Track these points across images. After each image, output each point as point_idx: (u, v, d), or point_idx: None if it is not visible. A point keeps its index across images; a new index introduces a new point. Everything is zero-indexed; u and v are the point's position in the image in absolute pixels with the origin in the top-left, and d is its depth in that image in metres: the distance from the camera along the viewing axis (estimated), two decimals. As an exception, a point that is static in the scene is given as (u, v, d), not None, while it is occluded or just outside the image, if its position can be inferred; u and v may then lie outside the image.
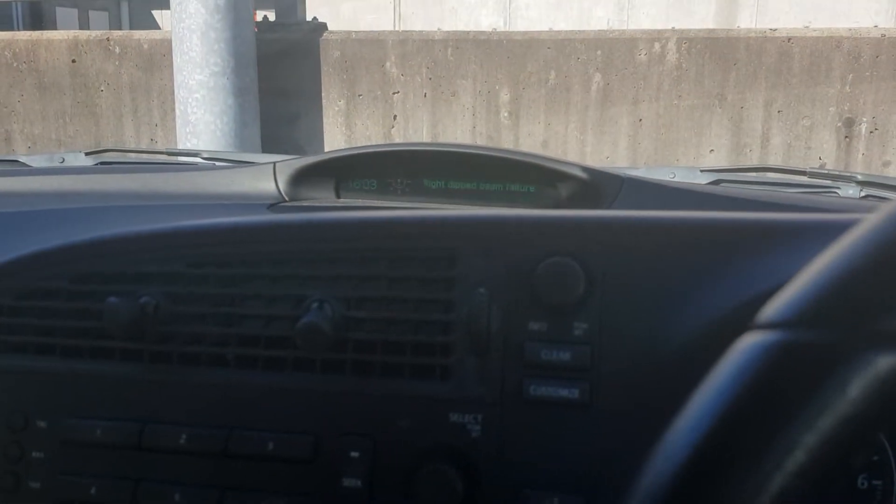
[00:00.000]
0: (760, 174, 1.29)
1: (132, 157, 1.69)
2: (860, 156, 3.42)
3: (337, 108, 3.74)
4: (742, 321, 0.54)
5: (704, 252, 0.57)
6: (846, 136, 3.44)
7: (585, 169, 1.01)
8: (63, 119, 4.11)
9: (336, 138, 3.76)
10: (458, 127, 3.67)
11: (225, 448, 0.60)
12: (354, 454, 0.59)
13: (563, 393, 0.57)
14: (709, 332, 0.55)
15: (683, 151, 3.50)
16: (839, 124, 3.43)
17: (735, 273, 0.55)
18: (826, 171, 1.19)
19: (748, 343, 0.33)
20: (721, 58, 3.44)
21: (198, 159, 1.44)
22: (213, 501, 0.60)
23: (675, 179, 1.12)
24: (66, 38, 3.92)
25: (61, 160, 1.48)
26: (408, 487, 0.58)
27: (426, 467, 0.57)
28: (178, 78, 3.45)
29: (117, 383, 0.63)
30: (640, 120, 3.53)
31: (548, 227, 0.59)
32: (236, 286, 0.63)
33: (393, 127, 3.73)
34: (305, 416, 0.60)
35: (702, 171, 1.24)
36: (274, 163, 1.15)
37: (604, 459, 0.57)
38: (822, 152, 3.48)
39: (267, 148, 3.61)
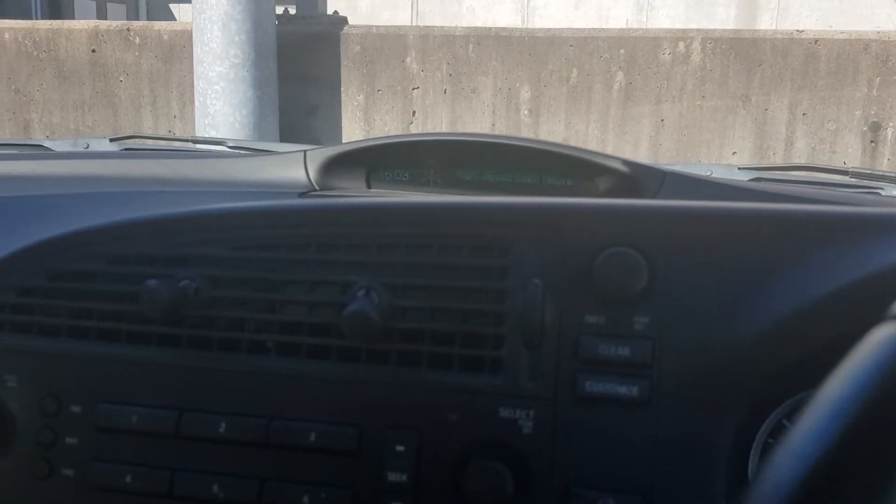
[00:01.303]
0: (799, 174, 1.26)
1: (157, 143, 1.67)
2: (886, 160, 3.37)
3: (356, 103, 3.72)
4: (824, 316, 0.52)
5: (775, 245, 0.54)
6: (872, 141, 3.40)
7: (626, 162, 0.99)
8: (82, 109, 4.11)
9: (354, 132, 3.74)
10: (478, 124, 3.65)
11: (265, 438, 0.58)
12: (400, 447, 0.57)
13: (621, 390, 0.54)
14: (780, 327, 0.53)
15: (706, 153, 3.47)
16: (865, 128, 3.39)
17: (809, 267, 0.53)
18: (869, 171, 1.16)
19: (888, 334, 0.31)
20: (746, 59, 3.41)
21: (223, 147, 1.42)
22: (252, 493, 0.58)
23: (714, 176, 1.09)
24: (86, 27, 3.91)
25: (85, 146, 1.46)
26: (455, 483, 0.56)
27: (475, 463, 0.55)
28: (197, 69, 3.44)
29: (154, 369, 0.61)
30: (663, 120, 3.50)
31: (608, 216, 0.57)
32: (280, 271, 0.61)
33: (412, 123, 3.71)
34: (349, 406, 0.58)
35: (739, 168, 1.21)
36: (304, 151, 1.13)
37: (662, 459, 0.54)
38: (847, 156, 3.44)
39: (285, 140, 3.60)
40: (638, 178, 0.99)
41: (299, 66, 3.74)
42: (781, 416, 0.60)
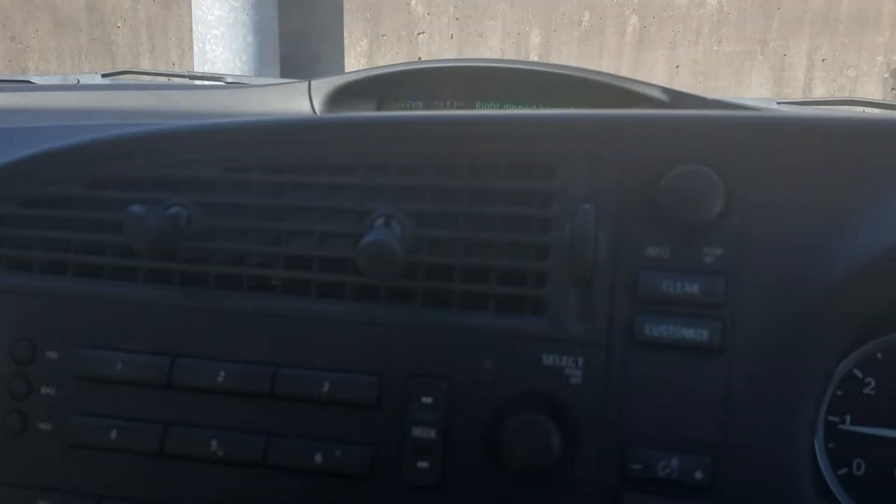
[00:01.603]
0: (844, 108, 1.17)
1: (152, 80, 1.57)
2: (908, 108, 3.26)
3: (359, 49, 3.60)
4: None
5: (884, 163, 0.45)
6: (893, 88, 3.29)
7: (666, 90, 0.89)
8: (79, 57, 3.99)
9: (358, 80, 3.62)
10: (486, 71, 3.52)
11: (271, 388, 0.50)
12: (426, 399, 0.49)
13: (688, 334, 0.46)
14: (877, 263, 0.44)
15: (722, 100, 3.35)
16: (886, 75, 3.27)
17: None
18: (923, 105, 1.06)
19: None
20: (764, 2, 3.28)
21: (221, 83, 1.33)
22: (256, 450, 0.50)
23: (762, 107, 1.00)
24: (81, -31, 3.78)
25: (76, 81, 1.37)
26: (491, 442, 0.48)
27: (514, 419, 0.47)
28: (196, 12, 3.31)
29: (142, 309, 0.53)
30: (677, 67, 3.38)
31: (677, 127, 0.48)
32: (285, 196, 0.52)
33: (417, 69, 3.59)
34: (368, 353, 0.50)
35: (779, 102, 1.12)
36: (309, 81, 1.04)
37: (735, 414, 0.46)
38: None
39: (287, 88, 3.48)
40: (677, 105, 0.89)
41: (300, 10, 3.61)
42: (852, 366, 0.51)
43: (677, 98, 0.89)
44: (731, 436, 0.46)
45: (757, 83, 3.44)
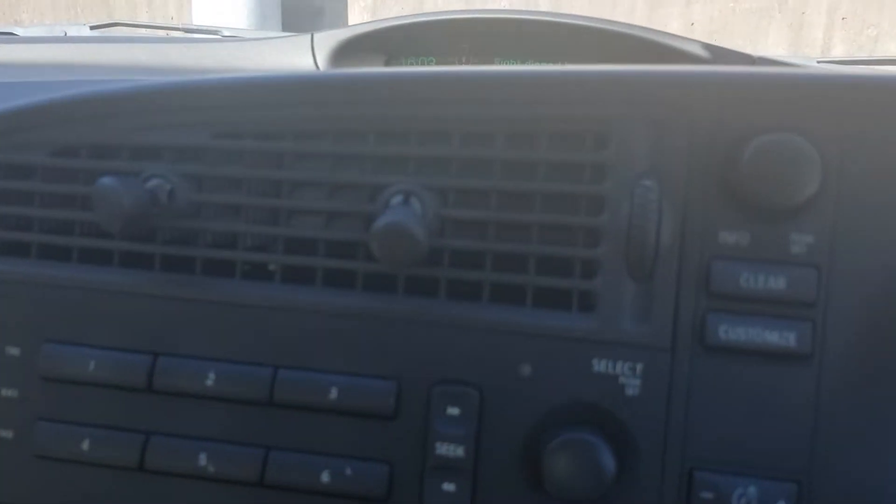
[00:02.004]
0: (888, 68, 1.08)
1: (144, 33, 1.48)
2: (932, 69, 3.15)
3: (363, 4, 3.48)
4: None
5: None
6: (917, 48, 3.17)
7: (707, 46, 0.80)
8: (75, 10, 3.87)
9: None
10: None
11: (269, 394, 0.43)
12: (453, 411, 0.41)
13: (771, 338, 0.39)
14: None
15: (739, 59, 3.24)
16: (910, 34, 3.15)
17: None
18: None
19: None
20: (784, -44, 3.14)
21: (218, 36, 1.24)
22: (252, 467, 0.43)
23: (811, 65, 0.91)
24: (74, -83, 3.64)
25: (63, 33, 1.28)
26: (530, 463, 0.41)
27: (557, 435, 0.40)
28: (194, -37, 3.19)
29: (118, 299, 0.45)
30: (693, 24, 3.26)
31: (763, 88, 0.39)
32: (284, 168, 0.44)
33: (423, 25, 3.47)
34: (383, 354, 0.42)
35: (819, 61, 1.03)
36: (312, 34, 0.94)
37: (826, 434, 0.39)
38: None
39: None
40: (719, 63, 0.80)
41: (303, -40, 3.48)
42: None
43: (720, 55, 0.80)
44: (820, 459, 0.39)
45: (774, 42, 3.33)
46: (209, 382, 0.43)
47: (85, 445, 0.45)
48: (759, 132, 0.38)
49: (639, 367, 0.40)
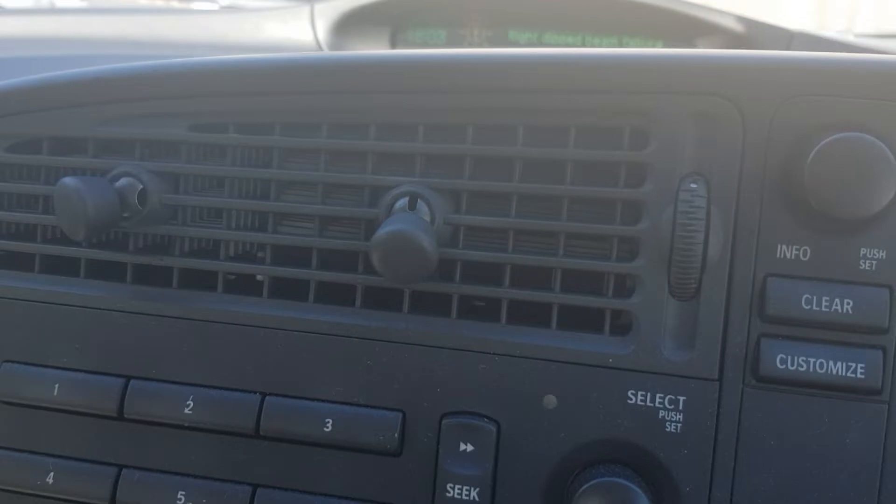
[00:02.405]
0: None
1: (134, 2, 1.41)
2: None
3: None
4: None
5: None
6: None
7: (741, 19, 0.74)
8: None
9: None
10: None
11: (256, 425, 0.38)
12: (466, 447, 0.36)
13: (836, 369, 0.34)
14: None
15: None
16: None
17: None
18: None
19: None
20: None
21: (215, 6, 1.17)
22: None
23: (852, 40, 0.85)
24: None
25: (50, 3, 1.22)
26: None
27: (586, 477, 0.34)
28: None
29: (85, 315, 0.40)
30: (708, -10, 3.16)
31: (831, 78, 0.33)
32: (273, 165, 0.38)
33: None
34: (386, 381, 0.37)
35: (856, 35, 0.96)
36: (312, 4, 0.88)
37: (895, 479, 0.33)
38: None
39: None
40: (754, 39, 0.74)
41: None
42: None
43: (755, 29, 0.73)
44: None
45: (795, 10, 3.22)
46: (188, 411, 0.38)
47: (49, 479, 0.40)
48: (826, 130, 0.32)
49: (681, 399, 0.35)
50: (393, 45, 0.88)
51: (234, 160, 0.39)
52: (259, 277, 0.40)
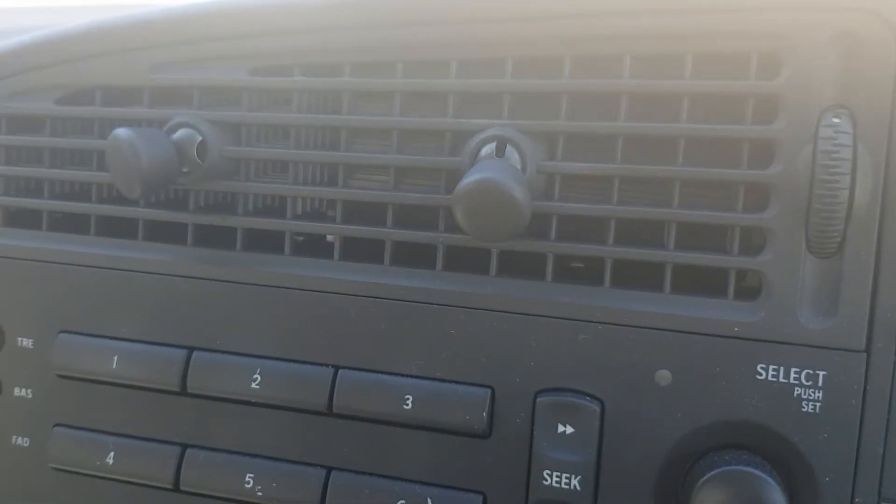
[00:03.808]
0: None
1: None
2: None
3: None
4: None
5: None
6: None
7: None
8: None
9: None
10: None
11: (329, 401, 0.34)
12: (565, 429, 0.31)
13: None
14: None
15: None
16: None
17: None
18: None
19: None
20: None
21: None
22: (310, 491, 0.35)
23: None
24: None
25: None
26: (670, 500, 0.31)
27: (707, 464, 0.29)
28: None
29: (143, 281, 0.37)
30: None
31: None
32: (342, 110, 0.34)
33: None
34: (473, 353, 0.33)
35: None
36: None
37: None
38: None
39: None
40: None
41: None
42: None
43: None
44: None
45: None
46: (255, 385, 0.35)
47: (110, 459, 0.37)
48: None
49: (821, 374, 0.30)
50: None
51: (300, 107, 0.35)
52: (329, 238, 0.36)
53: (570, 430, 0.32)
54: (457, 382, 0.33)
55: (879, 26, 0.28)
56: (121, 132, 0.33)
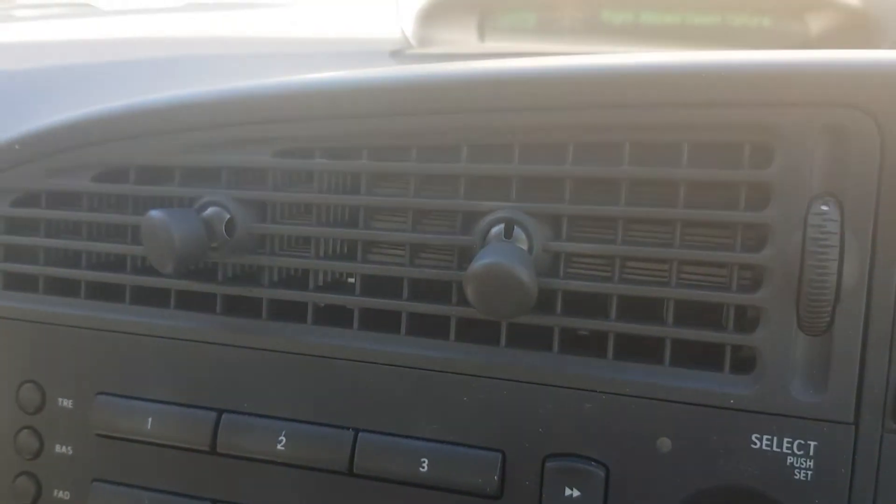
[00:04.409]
0: None
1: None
2: None
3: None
4: None
5: None
6: None
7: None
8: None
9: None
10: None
11: (350, 463, 0.36)
12: (573, 492, 0.33)
13: None
14: None
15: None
16: None
17: None
18: None
19: None
20: None
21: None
22: None
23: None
24: None
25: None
26: None
27: None
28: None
29: (175, 347, 0.39)
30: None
31: None
32: (359, 190, 0.36)
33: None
34: (485, 419, 0.35)
35: None
36: (397, -6, 0.86)
37: None
38: None
39: None
40: (872, 16, 0.68)
41: None
42: None
43: (870, 4, 0.67)
44: None
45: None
46: (280, 447, 0.37)
47: None
48: None
49: (812, 445, 0.31)
50: (481, 31, 0.85)
51: (321, 187, 0.37)
52: (350, 307, 0.38)
53: (576, 493, 0.34)
54: (470, 446, 0.35)
55: (865, 120, 0.30)
56: (155, 214, 0.36)
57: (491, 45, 0.86)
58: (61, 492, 0.41)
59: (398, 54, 0.85)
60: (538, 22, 0.84)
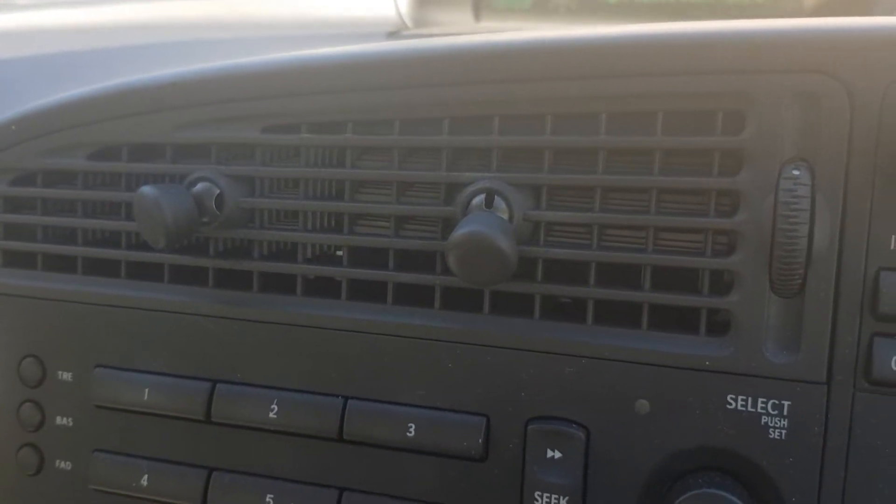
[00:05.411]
0: None
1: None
2: None
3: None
4: None
5: None
6: None
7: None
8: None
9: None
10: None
11: (339, 428, 0.37)
12: (554, 454, 0.34)
13: None
14: None
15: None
16: None
17: None
18: None
19: None
20: None
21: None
22: None
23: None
24: None
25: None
26: None
27: (683, 488, 0.32)
28: None
29: (170, 319, 0.40)
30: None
31: None
32: (345, 164, 0.37)
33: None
34: (469, 385, 0.36)
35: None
36: (393, -25, 0.86)
37: None
38: None
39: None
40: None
41: None
42: None
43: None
44: None
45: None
46: (272, 415, 0.38)
47: (144, 480, 0.40)
48: None
49: (786, 404, 0.32)
50: (477, 12, 0.85)
51: (307, 161, 0.38)
52: (338, 279, 0.39)
53: (558, 454, 0.35)
54: (455, 411, 0.36)
55: (834, 85, 0.31)
56: (146, 190, 0.37)
57: (487, 25, 0.86)
58: (63, 462, 0.42)
59: (394, 35, 0.85)
60: (533, 2, 0.85)
